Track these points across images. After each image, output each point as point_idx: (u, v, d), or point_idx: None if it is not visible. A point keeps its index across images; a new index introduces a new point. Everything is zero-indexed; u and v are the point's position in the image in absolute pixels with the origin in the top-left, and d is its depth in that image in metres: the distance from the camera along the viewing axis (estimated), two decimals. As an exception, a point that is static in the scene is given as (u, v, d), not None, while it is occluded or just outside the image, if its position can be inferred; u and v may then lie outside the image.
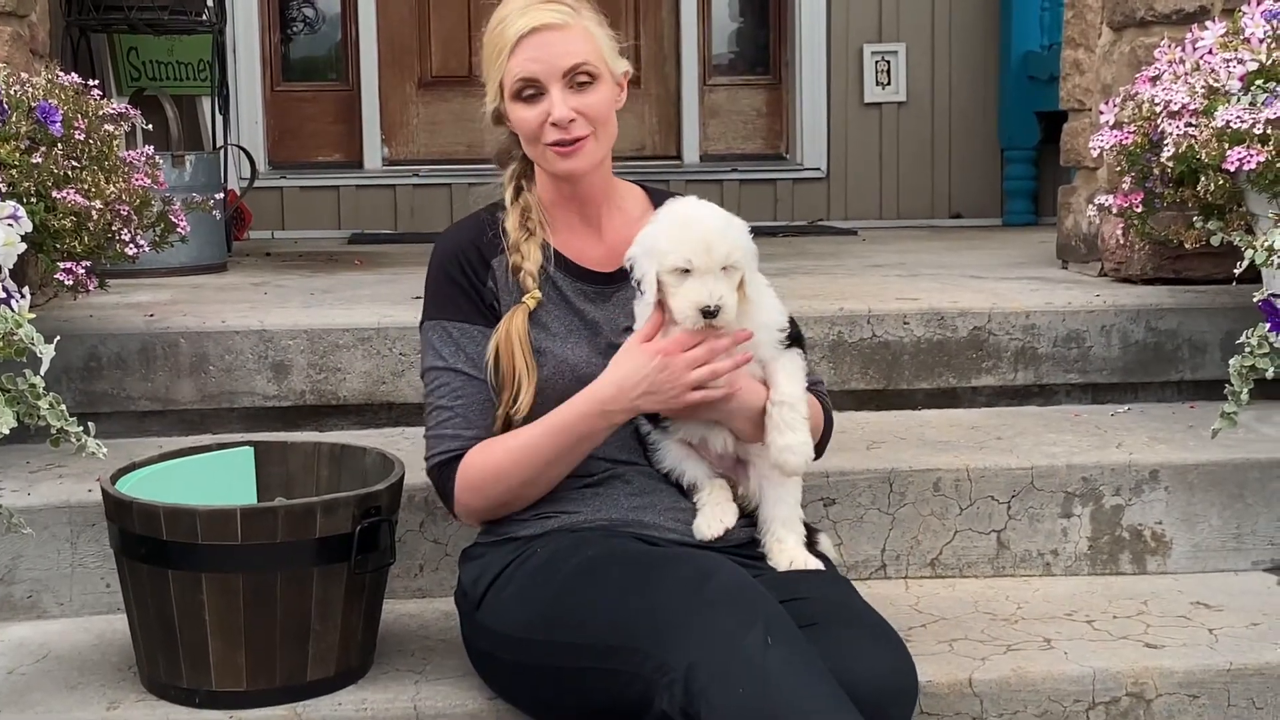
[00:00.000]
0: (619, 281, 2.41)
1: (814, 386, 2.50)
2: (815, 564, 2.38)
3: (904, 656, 2.19)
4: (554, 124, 2.33)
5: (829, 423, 2.52)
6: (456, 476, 2.37)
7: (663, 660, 2.04)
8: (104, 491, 2.43)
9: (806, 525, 2.46)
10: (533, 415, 2.36)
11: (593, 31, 2.36)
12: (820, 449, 2.49)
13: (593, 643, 2.15)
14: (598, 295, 2.44)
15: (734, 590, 2.09)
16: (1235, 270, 3.04)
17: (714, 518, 2.37)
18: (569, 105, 2.32)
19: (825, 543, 2.54)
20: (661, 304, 2.28)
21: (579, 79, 2.34)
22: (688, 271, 2.22)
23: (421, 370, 2.45)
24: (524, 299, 2.38)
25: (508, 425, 2.39)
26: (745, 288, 2.28)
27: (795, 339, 2.38)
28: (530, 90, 2.33)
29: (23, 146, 2.93)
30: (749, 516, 2.44)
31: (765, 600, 2.09)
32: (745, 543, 2.41)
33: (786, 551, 2.38)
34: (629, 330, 2.37)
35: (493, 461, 2.35)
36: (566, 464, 2.36)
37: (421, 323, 2.45)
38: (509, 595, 2.32)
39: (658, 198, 2.50)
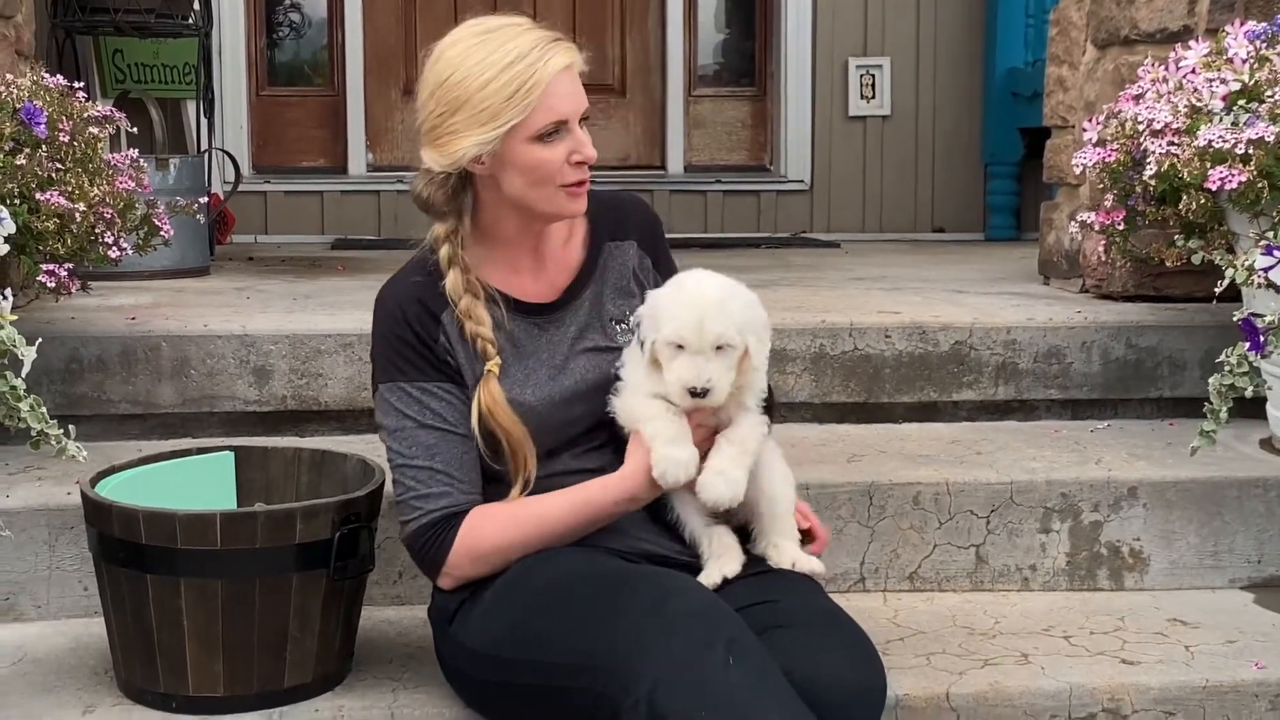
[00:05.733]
0: (561, 309, 2.40)
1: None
2: (817, 565, 2.39)
3: (871, 658, 2.19)
4: (580, 162, 2.28)
5: None
6: (457, 542, 2.28)
7: (626, 680, 2.03)
8: (83, 494, 2.43)
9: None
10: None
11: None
12: None
13: (560, 661, 2.14)
14: (543, 324, 2.40)
15: (695, 611, 2.07)
16: (1216, 289, 3.05)
17: (715, 570, 2.32)
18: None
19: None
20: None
21: (583, 119, 2.31)
22: (681, 347, 2.21)
23: (384, 436, 2.35)
24: (487, 367, 2.31)
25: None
26: (750, 359, 2.25)
27: (767, 408, 2.36)
28: (555, 131, 2.26)
29: (6, 148, 2.92)
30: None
31: (727, 619, 2.08)
32: None
33: (786, 554, 2.37)
34: (597, 348, 2.38)
35: (508, 533, 2.29)
36: (578, 537, 2.32)
37: (375, 386, 2.37)
38: (479, 612, 2.31)
39: (602, 205, 2.46)
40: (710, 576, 2.31)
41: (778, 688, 2.02)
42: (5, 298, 2.30)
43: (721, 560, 2.34)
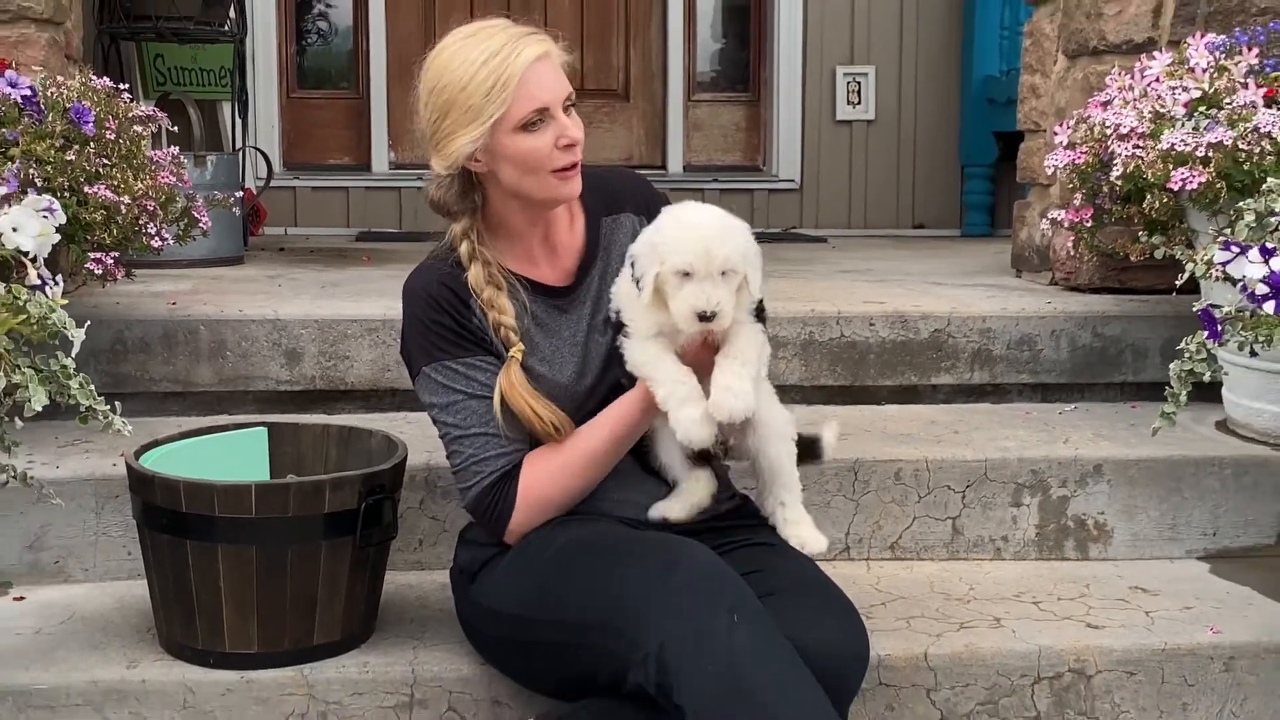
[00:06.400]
0: (576, 289, 2.39)
1: None
2: (820, 546, 2.36)
3: (857, 625, 2.20)
4: (568, 145, 2.25)
5: None
6: (519, 498, 2.27)
7: (636, 638, 2.03)
8: (128, 466, 2.43)
9: (805, 436, 2.44)
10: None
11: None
12: None
13: (574, 621, 2.15)
14: (564, 306, 2.37)
15: (701, 576, 2.07)
16: (1176, 282, 3.05)
17: (671, 502, 2.32)
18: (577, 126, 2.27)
19: (829, 437, 2.54)
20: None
21: (568, 105, 2.27)
22: (688, 275, 2.15)
23: (435, 413, 2.31)
24: (510, 353, 2.28)
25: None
26: (748, 287, 2.21)
27: (760, 319, 2.31)
28: (539, 120, 2.23)
29: (58, 145, 2.92)
30: (729, 489, 2.45)
31: (731, 582, 2.08)
32: (726, 513, 2.41)
33: (799, 532, 2.36)
34: (606, 320, 2.34)
35: (563, 478, 2.28)
36: (619, 458, 2.32)
37: (418, 370, 2.32)
38: (499, 574, 2.32)
39: (589, 185, 2.39)
40: (668, 509, 2.31)
41: (781, 649, 2.02)
42: (56, 283, 2.29)
43: (690, 491, 2.32)
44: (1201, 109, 3.06)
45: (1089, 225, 3.42)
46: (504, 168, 2.28)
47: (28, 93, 2.88)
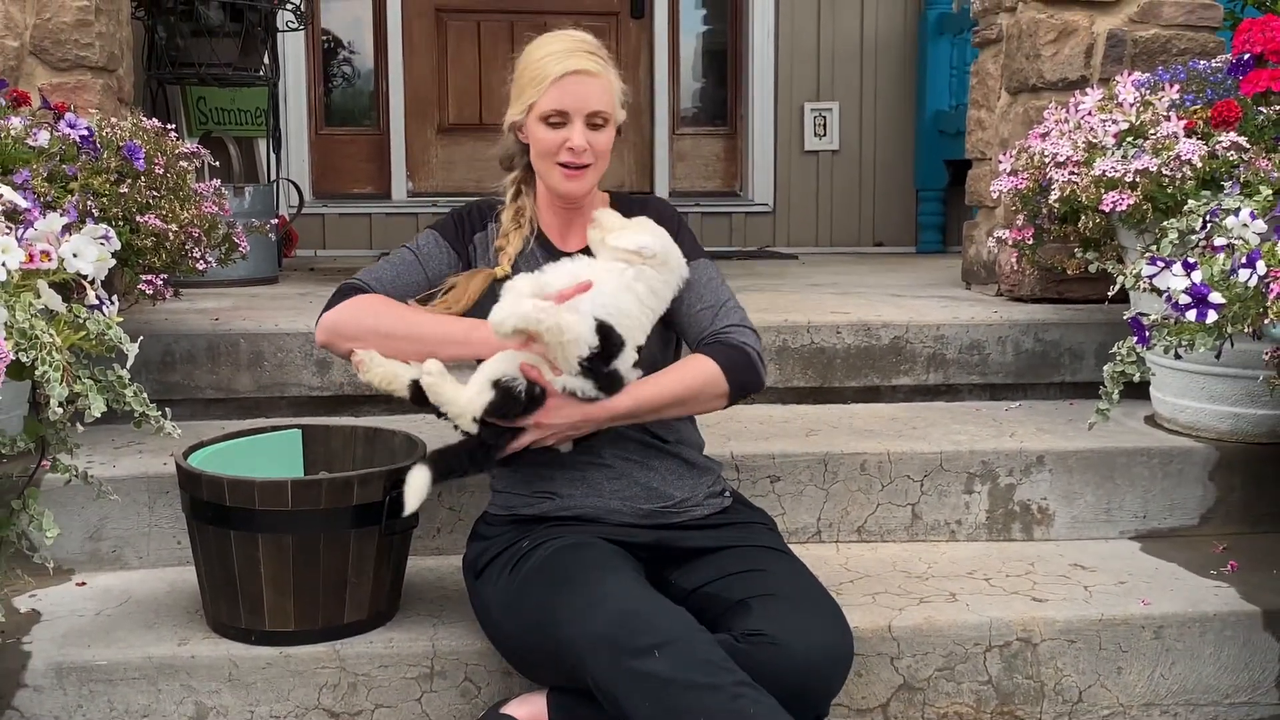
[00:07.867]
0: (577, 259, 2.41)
1: (725, 332, 2.39)
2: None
3: (845, 633, 2.16)
4: (570, 149, 2.34)
5: (731, 368, 2.34)
6: (348, 302, 2.33)
7: (580, 672, 2.03)
8: (177, 465, 2.42)
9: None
10: None
11: (614, 85, 2.38)
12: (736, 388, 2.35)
13: (539, 638, 2.14)
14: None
15: (620, 617, 2.02)
16: (1108, 293, 3.06)
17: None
18: (585, 138, 2.34)
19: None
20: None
21: (596, 121, 2.35)
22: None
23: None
24: (495, 268, 2.40)
25: None
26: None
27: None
28: (558, 119, 2.33)
29: (112, 179, 2.91)
30: (716, 491, 2.42)
31: (648, 617, 2.03)
32: (708, 516, 2.39)
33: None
34: None
35: (369, 311, 2.32)
36: (422, 351, 2.28)
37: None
38: (490, 578, 2.31)
39: (620, 201, 2.51)
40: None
41: (706, 664, 1.97)
42: (112, 303, 2.29)
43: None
44: (1129, 139, 3.07)
45: (1030, 243, 3.43)
46: (532, 145, 2.40)
47: (85, 133, 2.87)
